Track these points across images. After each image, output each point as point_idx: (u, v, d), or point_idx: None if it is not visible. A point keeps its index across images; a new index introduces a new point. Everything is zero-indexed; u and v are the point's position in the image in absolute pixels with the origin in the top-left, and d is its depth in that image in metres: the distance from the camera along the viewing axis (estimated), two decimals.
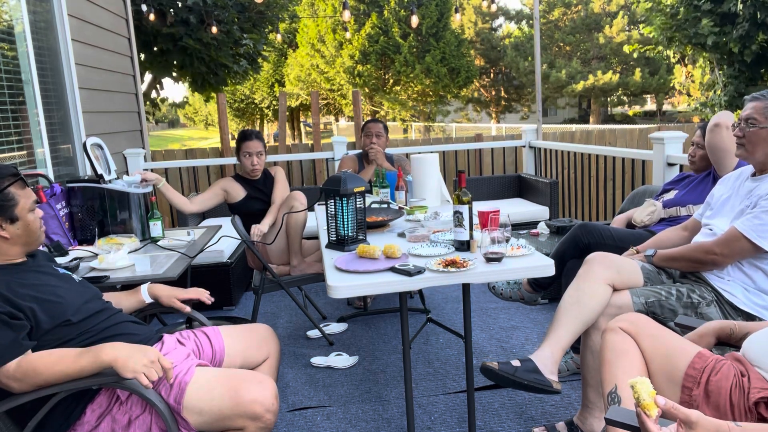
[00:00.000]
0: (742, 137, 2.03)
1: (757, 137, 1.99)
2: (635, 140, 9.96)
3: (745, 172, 2.16)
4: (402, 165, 4.02)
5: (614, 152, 4.69)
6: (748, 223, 1.95)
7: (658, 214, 2.83)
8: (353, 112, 7.78)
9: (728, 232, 2.00)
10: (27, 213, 1.72)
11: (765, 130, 1.97)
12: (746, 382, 1.46)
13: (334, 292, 1.95)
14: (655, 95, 29.19)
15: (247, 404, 1.64)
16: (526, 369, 2.00)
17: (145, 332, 1.86)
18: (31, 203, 1.74)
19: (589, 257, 2.19)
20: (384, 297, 4.03)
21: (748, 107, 2.02)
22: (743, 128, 2.02)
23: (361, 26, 19.07)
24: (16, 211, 1.69)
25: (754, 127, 1.99)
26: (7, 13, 3.64)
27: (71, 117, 4.27)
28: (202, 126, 42.77)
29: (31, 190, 1.76)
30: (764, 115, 1.97)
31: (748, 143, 2.01)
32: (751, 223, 1.94)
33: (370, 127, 4.02)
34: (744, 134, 2.02)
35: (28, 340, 1.58)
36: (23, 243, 1.73)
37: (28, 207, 1.72)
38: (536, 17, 6.17)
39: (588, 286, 2.08)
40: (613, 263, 2.14)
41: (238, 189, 3.53)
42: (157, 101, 12.09)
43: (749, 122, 2.00)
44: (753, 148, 2.01)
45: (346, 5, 7.65)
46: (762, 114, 1.97)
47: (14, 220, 1.69)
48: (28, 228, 1.72)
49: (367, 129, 4.02)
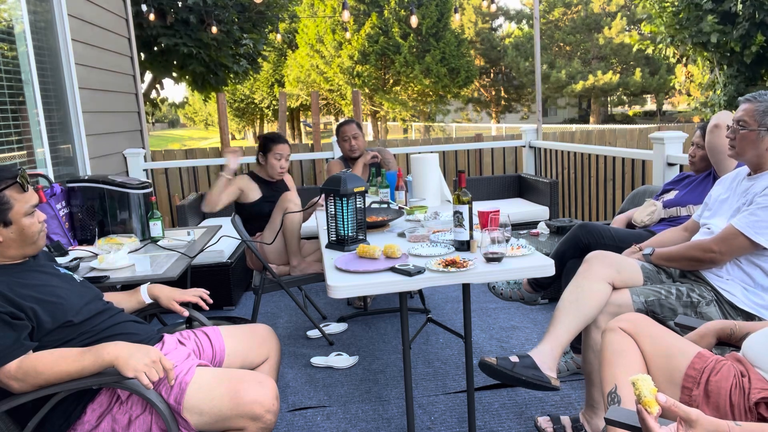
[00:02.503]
0: (734, 139, 2.06)
1: (746, 139, 2.01)
2: (635, 140, 9.96)
3: (742, 173, 2.17)
4: (383, 156, 4.04)
5: (614, 152, 4.69)
6: (745, 220, 1.96)
7: (658, 214, 2.83)
8: (353, 112, 7.77)
9: (725, 229, 2.01)
10: (22, 217, 1.69)
11: (754, 132, 1.99)
12: (746, 382, 1.46)
13: (334, 292, 1.95)
14: (655, 95, 29.20)
15: (247, 405, 1.64)
16: (525, 365, 2.00)
17: (146, 332, 1.86)
18: (28, 207, 1.70)
19: (590, 255, 2.19)
20: (384, 297, 4.03)
21: (740, 109, 2.05)
22: (735, 130, 2.05)
23: (361, 26, 19.07)
24: (10, 215, 1.66)
25: (744, 129, 2.01)
26: (7, 13, 3.64)
27: (71, 117, 4.27)
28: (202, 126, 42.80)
29: (32, 194, 1.74)
30: (754, 118, 1.99)
31: (738, 145, 2.04)
32: (747, 219, 1.95)
33: (346, 130, 3.97)
34: (735, 136, 2.05)
35: (29, 341, 1.58)
36: (18, 246, 1.71)
37: (24, 211, 1.69)
38: (536, 17, 6.17)
39: (588, 284, 2.09)
40: (613, 262, 2.14)
41: (254, 189, 3.51)
42: (157, 101, 12.10)
43: (740, 124, 2.03)
44: (743, 150, 2.04)
45: (346, 5, 7.65)
46: (752, 117, 1.99)
47: (8, 224, 1.67)
48: (23, 232, 1.69)
49: (343, 133, 3.97)
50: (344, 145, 3.98)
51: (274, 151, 3.50)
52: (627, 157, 4.61)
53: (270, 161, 3.52)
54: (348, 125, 3.99)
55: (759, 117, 1.98)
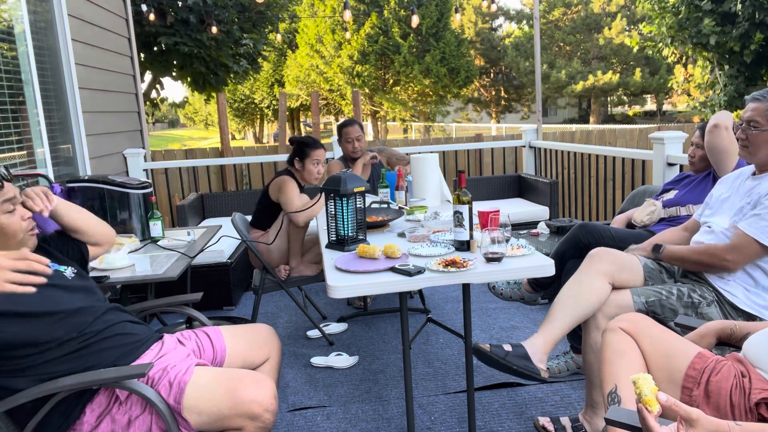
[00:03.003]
0: (746, 139, 2.03)
1: (759, 139, 1.99)
2: (635, 140, 9.96)
3: (746, 172, 2.16)
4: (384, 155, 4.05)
5: (614, 152, 4.69)
6: (756, 225, 1.93)
7: (658, 213, 2.83)
8: (353, 112, 7.78)
9: (737, 237, 1.98)
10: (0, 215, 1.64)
11: (767, 132, 1.97)
12: (747, 382, 1.46)
13: (334, 292, 1.94)
14: (655, 95, 29.20)
15: (246, 404, 1.63)
16: (517, 354, 2.01)
17: (145, 332, 1.86)
18: (4, 204, 1.65)
19: (592, 252, 2.19)
20: (384, 297, 4.03)
21: (749, 108, 2.02)
22: (745, 130, 2.03)
23: (361, 26, 19.07)
24: None
25: (757, 130, 1.99)
26: (7, 13, 3.64)
27: (71, 117, 4.27)
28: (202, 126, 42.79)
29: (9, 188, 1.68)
30: (765, 117, 1.97)
31: (751, 145, 2.02)
32: (758, 225, 1.93)
33: (350, 131, 3.93)
34: (747, 136, 2.03)
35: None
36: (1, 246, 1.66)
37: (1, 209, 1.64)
38: (536, 17, 6.17)
39: (588, 280, 2.09)
40: (615, 260, 2.14)
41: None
42: (157, 101, 12.10)
43: (751, 124, 2.01)
44: (756, 150, 2.01)
45: (347, 5, 7.65)
46: (763, 116, 1.97)
47: None
48: (2, 230, 1.66)
49: (347, 134, 3.94)
50: (347, 146, 3.96)
51: (312, 156, 3.41)
52: (627, 157, 4.61)
53: (308, 167, 3.43)
54: (352, 126, 3.96)
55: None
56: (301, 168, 3.46)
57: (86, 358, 1.67)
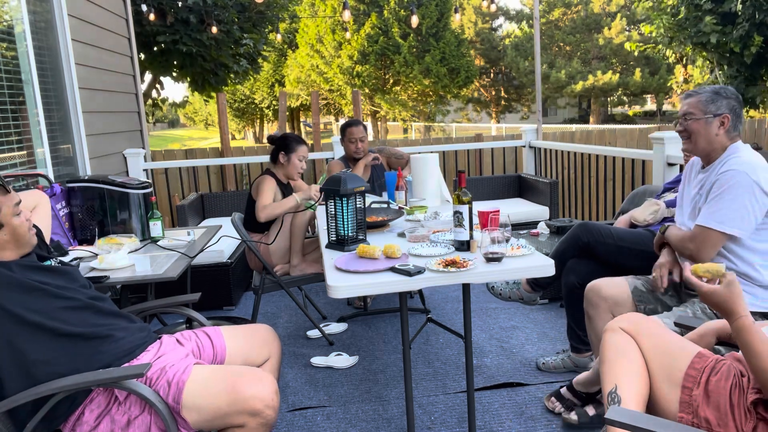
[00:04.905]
0: (684, 131, 2.14)
1: (695, 127, 2.10)
2: (635, 140, 9.96)
3: (696, 165, 2.24)
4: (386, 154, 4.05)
5: (614, 152, 4.69)
6: (705, 214, 2.02)
7: (662, 213, 2.83)
8: (353, 112, 7.78)
9: (694, 228, 2.06)
10: (11, 218, 1.67)
11: (701, 121, 2.09)
12: (746, 382, 1.46)
13: (334, 292, 1.94)
14: (655, 95, 29.19)
15: (246, 400, 1.62)
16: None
17: (144, 332, 1.85)
18: (14, 207, 1.69)
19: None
20: (384, 297, 4.03)
21: (684, 104, 2.15)
22: (683, 123, 2.14)
23: (361, 26, 19.07)
24: (0, 217, 1.65)
25: (692, 119, 2.10)
26: (7, 13, 3.64)
27: (71, 117, 4.27)
28: (202, 126, 42.79)
29: (14, 194, 1.72)
30: (699, 108, 2.09)
31: (692, 137, 2.12)
32: (706, 212, 2.02)
33: (354, 132, 3.94)
34: (685, 128, 2.14)
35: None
36: (15, 247, 1.69)
37: (11, 212, 1.68)
38: (536, 17, 6.17)
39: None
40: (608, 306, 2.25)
41: (278, 192, 3.50)
42: (157, 101, 12.10)
43: (686, 117, 2.12)
44: (695, 139, 2.11)
45: (347, 5, 7.65)
46: (697, 107, 2.10)
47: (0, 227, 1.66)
48: (16, 232, 1.68)
49: (350, 134, 3.94)
50: (350, 146, 3.95)
51: (298, 152, 3.49)
52: (627, 157, 4.61)
53: (293, 161, 3.51)
54: (356, 127, 3.96)
55: (703, 106, 2.08)
56: (286, 162, 3.51)
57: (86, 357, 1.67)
